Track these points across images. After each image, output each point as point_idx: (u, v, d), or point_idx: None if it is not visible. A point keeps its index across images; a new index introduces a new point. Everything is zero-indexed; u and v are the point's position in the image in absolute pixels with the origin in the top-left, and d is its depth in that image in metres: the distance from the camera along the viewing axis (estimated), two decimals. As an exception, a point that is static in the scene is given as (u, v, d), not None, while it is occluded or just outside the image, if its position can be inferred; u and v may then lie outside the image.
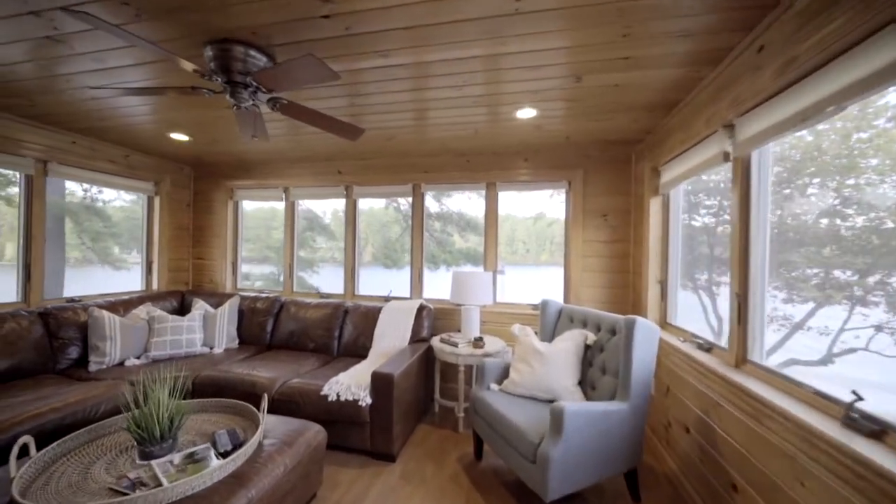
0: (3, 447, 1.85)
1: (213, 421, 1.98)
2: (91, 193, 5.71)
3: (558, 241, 3.64)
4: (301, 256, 6.35)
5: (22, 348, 2.48)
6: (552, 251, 3.94)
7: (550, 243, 4.03)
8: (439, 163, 3.55)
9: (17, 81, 2.12)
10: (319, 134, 2.94)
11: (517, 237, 4.62)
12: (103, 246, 5.18)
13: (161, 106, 2.46)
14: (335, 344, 3.33)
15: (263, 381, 2.60)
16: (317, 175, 3.85)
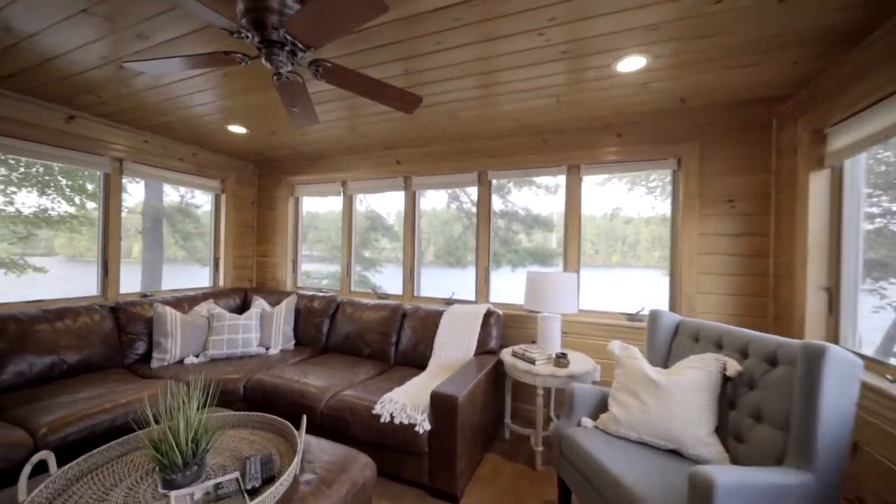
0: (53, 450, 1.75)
1: (251, 440, 1.71)
2: (185, 198, 6.20)
3: (631, 240, 3.41)
4: (366, 256, 6.26)
5: (93, 342, 2.49)
6: (623, 252, 3.47)
7: (623, 243, 3.50)
8: (510, 145, 3.05)
9: (79, 74, 2.07)
10: (376, 113, 2.61)
11: (586, 236, 4.06)
12: (193, 245, 5.53)
13: (214, 93, 2.30)
14: (392, 350, 3.00)
15: (313, 392, 2.33)
16: (374, 166, 3.58)
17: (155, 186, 6.04)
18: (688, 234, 2.55)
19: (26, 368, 2.18)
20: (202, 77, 2.11)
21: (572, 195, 2.92)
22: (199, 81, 2.16)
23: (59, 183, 5.48)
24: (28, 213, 5.29)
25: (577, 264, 2.90)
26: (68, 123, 2.63)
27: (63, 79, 2.16)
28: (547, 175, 3.01)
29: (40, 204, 5.32)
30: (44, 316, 2.35)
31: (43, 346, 2.26)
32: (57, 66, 2.02)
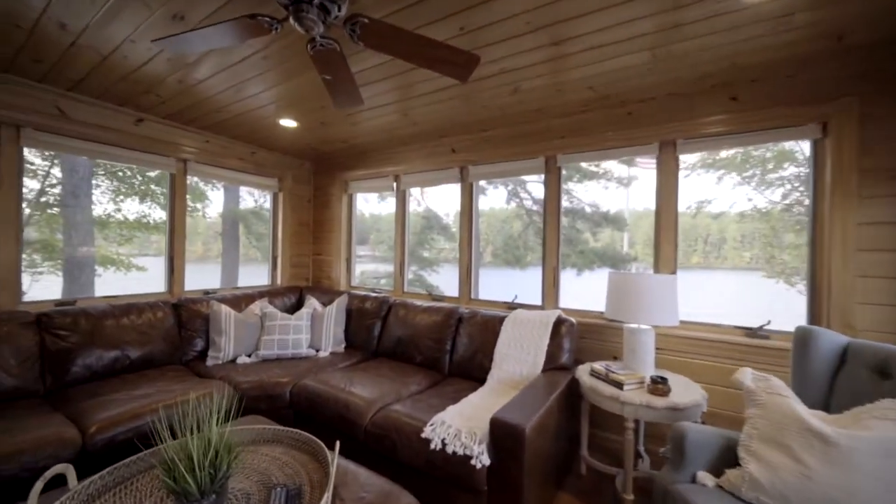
0: (101, 449, 1.71)
1: (283, 462, 1.49)
2: (259, 202, 6.57)
3: (715, 239, 2.95)
4: (423, 256, 6.08)
5: (154, 338, 2.52)
6: (706, 252, 2.99)
7: (704, 242, 2.99)
8: (584, 122, 2.57)
9: (135, 70, 2.06)
10: (427, 93, 2.32)
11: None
12: (264, 245, 5.80)
13: (258, 81, 2.18)
14: (446, 359, 2.68)
15: (358, 404, 2.09)
16: (428, 157, 3.31)
17: (233, 192, 6.46)
18: (839, 224, 1.88)
19: (94, 362, 2.23)
20: (245, 64, 1.98)
21: (666, 177, 2.36)
22: (243, 68, 2.04)
23: (154, 192, 6.07)
24: (132, 218, 5.92)
25: (674, 264, 2.34)
26: (137, 126, 2.72)
27: (124, 77, 2.17)
28: (632, 155, 2.47)
29: (140, 210, 5.93)
30: (111, 311, 2.41)
31: (109, 341, 2.32)
32: (114, 63, 2.02)
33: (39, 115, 2.29)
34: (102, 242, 5.57)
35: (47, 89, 2.30)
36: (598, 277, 3.93)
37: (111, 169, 5.52)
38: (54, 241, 5.27)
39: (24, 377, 2.00)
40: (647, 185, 2.81)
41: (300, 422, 2.36)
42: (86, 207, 5.34)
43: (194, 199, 6.59)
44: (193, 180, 6.25)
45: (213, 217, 6.97)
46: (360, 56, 1.91)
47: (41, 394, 2.05)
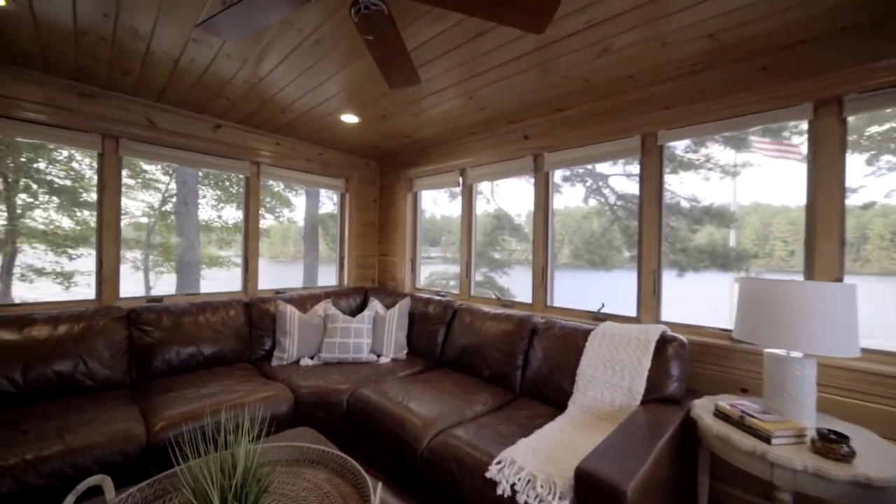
0: (163, 448, 1.71)
1: (324, 492, 1.29)
2: (338, 206, 6.92)
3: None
4: (494, 258, 5.75)
5: (226, 336, 2.58)
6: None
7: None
8: (696, 85, 2.02)
9: (203, 73, 2.09)
10: (496, 66, 2.00)
11: (773, 232, 2.82)
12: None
13: (313, 73, 2.07)
14: (518, 376, 2.32)
15: (415, 424, 1.84)
16: (497, 146, 2.97)
17: (313, 197, 6.84)
18: None
19: (172, 357, 2.34)
20: (299, 52, 1.87)
21: (826, 149, 1.71)
22: (298, 58, 1.93)
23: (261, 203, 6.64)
24: (231, 223, 6.57)
25: (838, 269, 1.68)
26: (215, 132, 2.85)
27: (196, 82, 2.24)
28: (771, 122, 1.86)
29: (237, 216, 6.56)
30: (190, 309, 2.52)
31: (187, 338, 2.41)
32: (184, 68, 2.07)
33: (133, 126, 2.48)
34: (207, 245, 6.25)
35: (138, 101, 2.48)
36: (706, 281, 3.22)
37: (214, 179, 6.19)
38: (171, 244, 6.03)
39: (115, 368, 2.14)
40: (762, 174, 2.19)
41: (358, 434, 2.20)
42: (193, 214, 6.03)
43: (281, 205, 7.15)
44: (280, 187, 6.74)
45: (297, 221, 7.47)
46: (415, 28, 1.67)
47: (128, 385, 2.18)
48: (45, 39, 1.82)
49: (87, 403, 1.85)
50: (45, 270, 4.90)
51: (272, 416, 2.05)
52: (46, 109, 2.18)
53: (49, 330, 1.99)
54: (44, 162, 4.77)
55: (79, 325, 2.07)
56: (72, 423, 1.65)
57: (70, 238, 4.87)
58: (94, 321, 2.13)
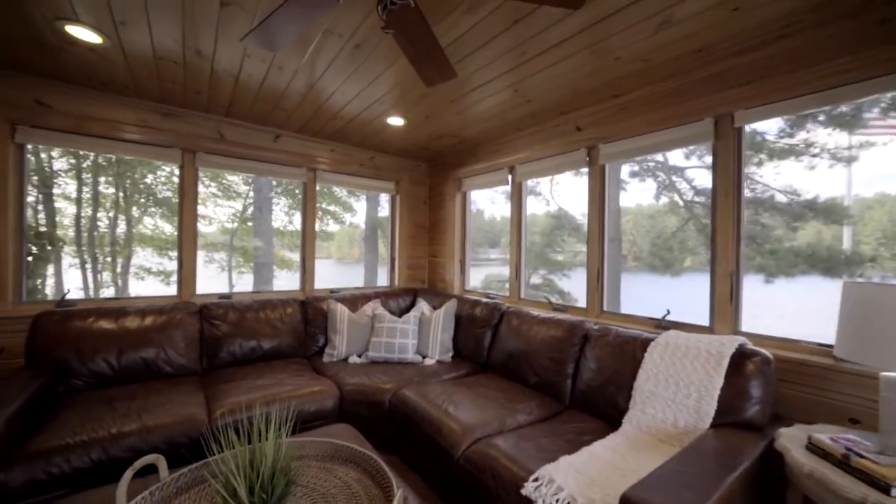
0: (220, 432, 1.85)
1: (352, 491, 1.29)
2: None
3: None
4: (555, 260, 5.48)
5: (283, 332, 2.76)
6: None
7: None
8: (783, 53, 1.70)
9: (259, 87, 2.26)
10: (543, 52, 1.88)
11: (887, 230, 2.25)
12: None
13: (355, 79, 2.12)
14: (567, 386, 2.15)
15: (453, 430, 1.78)
16: (547, 140, 2.81)
17: (373, 201, 7.16)
18: None
19: (236, 349, 2.55)
20: (341, 58, 1.92)
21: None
22: (342, 64, 1.99)
23: (326, 210, 7.15)
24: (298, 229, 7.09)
25: None
26: (276, 142, 3.07)
27: (255, 97, 2.43)
28: (893, 90, 1.49)
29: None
30: (252, 305, 2.73)
31: (249, 332, 2.61)
32: (244, 84, 2.25)
33: (207, 140, 2.76)
34: (280, 248, 6.81)
35: (210, 117, 2.76)
36: (804, 287, 2.72)
37: (285, 188, 6.74)
38: (249, 247, 6.68)
39: (189, 357, 2.38)
40: (889, 156, 1.77)
41: (399, 435, 2.20)
42: (267, 220, 6.63)
43: (345, 210, 7.58)
44: (343, 194, 7.13)
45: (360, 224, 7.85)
46: (449, 21, 1.62)
47: (199, 373, 2.41)
48: (133, 69, 2.09)
49: (164, 387, 2.09)
50: (152, 270, 5.69)
51: (319, 410, 2.13)
52: (139, 129, 2.52)
53: (138, 321, 2.28)
54: (151, 177, 5.58)
55: (161, 318, 2.34)
56: (149, 404, 1.86)
57: (169, 242, 5.59)
58: (173, 315, 2.39)
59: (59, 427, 1.63)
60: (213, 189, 6.15)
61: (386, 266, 4.25)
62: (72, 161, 4.79)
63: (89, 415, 1.73)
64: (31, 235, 3.96)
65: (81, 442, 1.58)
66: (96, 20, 1.65)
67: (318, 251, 3.38)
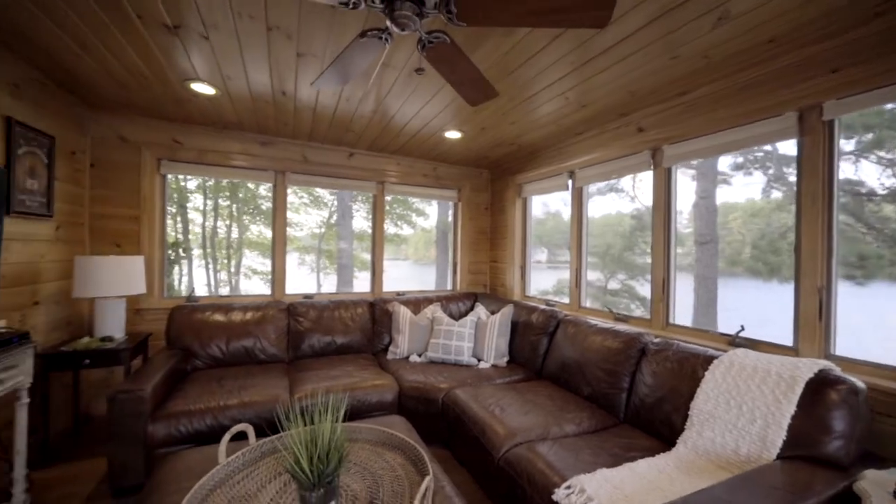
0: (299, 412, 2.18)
1: (396, 474, 1.46)
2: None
3: None
4: (636, 263, 5.14)
5: (354, 330, 3.09)
6: None
7: None
8: (881, 34, 1.46)
9: (332, 115, 2.59)
10: (598, 56, 1.87)
11: None
12: None
13: (414, 98, 2.31)
14: (621, 400, 2.08)
15: (496, 432, 1.86)
16: (608, 143, 2.71)
17: (444, 206, 7.44)
18: None
19: (315, 343, 2.93)
20: (398, 85, 2.13)
21: None
22: (399, 89, 2.20)
23: (396, 212, 7.73)
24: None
25: None
26: (350, 159, 3.44)
27: (329, 123, 2.78)
28: None
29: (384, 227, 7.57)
30: (329, 305, 3.11)
31: (326, 328, 2.99)
32: (320, 114, 2.60)
33: (294, 162, 3.22)
34: (360, 251, 7.46)
35: (296, 143, 3.21)
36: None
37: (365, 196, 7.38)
38: (333, 250, 7.43)
39: (278, 347, 2.82)
40: None
41: (451, 431, 2.34)
42: (349, 226, 7.32)
43: (418, 215, 8.02)
44: (416, 200, 7.56)
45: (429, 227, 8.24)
46: (493, 43, 1.71)
47: (286, 361, 2.84)
48: (237, 109, 2.57)
49: (259, 371, 2.51)
50: (257, 270, 6.68)
51: (379, 402, 2.37)
52: (243, 157, 3.05)
53: (241, 316, 2.77)
54: (255, 191, 6.56)
55: (258, 314, 2.81)
56: (247, 384, 2.27)
57: (269, 247, 6.51)
58: (266, 311, 2.85)
59: (185, 396, 2.10)
60: (304, 199, 6.98)
61: (454, 269, 4.44)
62: (198, 182, 5.88)
63: (205, 389, 2.19)
64: (170, 244, 4.97)
65: (199, 409, 2.00)
66: (211, 78, 2.09)
67: (394, 253, 3.69)
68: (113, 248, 2.72)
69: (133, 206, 2.76)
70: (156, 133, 2.80)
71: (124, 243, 2.75)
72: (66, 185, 2.41)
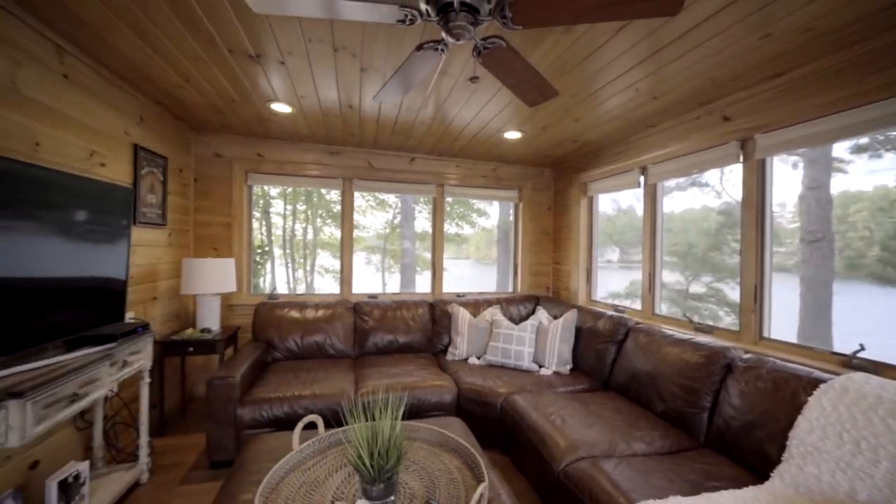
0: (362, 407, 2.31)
1: (452, 477, 1.47)
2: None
3: None
4: (725, 264, 4.62)
5: (415, 330, 3.19)
6: None
7: None
8: None
9: (393, 123, 2.69)
10: (676, 40, 1.72)
11: None
12: None
13: (473, 101, 2.31)
14: (701, 420, 1.88)
15: (556, 443, 1.80)
16: (687, 135, 2.46)
17: (505, 206, 7.40)
18: None
19: (378, 341, 3.08)
20: (456, 90, 2.15)
21: None
22: (458, 93, 2.22)
23: (456, 211, 7.84)
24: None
25: None
26: (411, 164, 3.56)
27: (391, 130, 2.89)
28: None
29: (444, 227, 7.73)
30: (391, 305, 3.24)
31: (389, 327, 3.12)
32: (383, 124, 2.72)
33: (360, 169, 3.42)
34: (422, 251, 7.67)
35: (361, 151, 3.40)
36: None
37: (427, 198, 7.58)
38: (398, 250, 7.74)
39: (346, 344, 3.01)
40: None
41: (510, 437, 2.30)
42: (411, 227, 7.57)
43: (478, 214, 8.04)
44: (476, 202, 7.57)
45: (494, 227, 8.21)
46: (552, 40, 1.65)
47: (352, 357, 3.02)
48: (310, 124, 2.79)
49: (329, 365, 2.71)
50: (329, 269, 7.20)
51: (438, 402, 2.42)
52: (315, 166, 3.31)
53: (314, 313, 3.01)
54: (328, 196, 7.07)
55: (328, 312, 3.03)
56: (318, 377, 2.46)
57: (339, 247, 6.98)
58: (336, 310, 3.06)
59: (266, 385, 2.34)
60: (371, 202, 7.37)
61: (514, 270, 4.36)
62: (279, 189, 6.49)
63: (282, 379, 2.42)
64: (256, 247, 5.55)
65: (277, 398, 2.22)
66: (288, 98, 2.31)
67: (455, 252, 3.74)
68: (211, 251, 3.12)
69: (226, 214, 3.14)
70: (243, 149, 3.15)
71: (220, 247, 3.14)
72: (176, 197, 2.82)
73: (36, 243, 1.47)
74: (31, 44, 1.58)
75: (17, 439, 1.19)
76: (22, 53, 1.54)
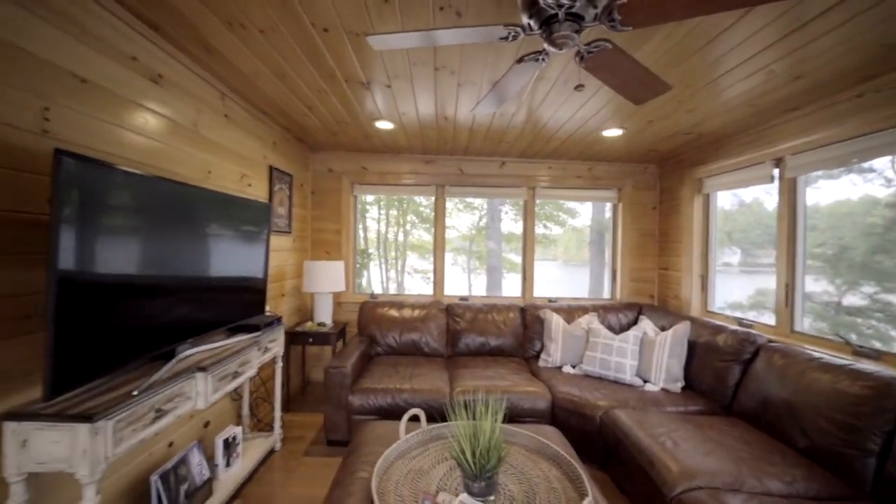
0: (453, 403, 2.40)
1: (551, 486, 1.45)
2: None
3: None
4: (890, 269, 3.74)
5: (506, 333, 3.19)
6: None
7: None
8: None
9: (486, 130, 2.74)
10: (825, 11, 1.47)
11: None
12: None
13: (569, 103, 2.23)
14: (867, 466, 1.55)
15: (667, 467, 1.64)
16: (837, 119, 2.04)
17: (599, 205, 6.99)
18: None
19: (470, 342, 3.16)
20: (553, 92, 2.11)
21: None
22: (555, 95, 2.17)
23: (544, 212, 7.67)
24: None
25: None
26: (501, 168, 3.57)
27: (485, 137, 2.95)
28: None
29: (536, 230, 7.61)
30: (482, 308, 3.30)
31: (480, 330, 3.18)
32: (476, 131, 2.79)
33: (451, 176, 3.55)
34: (508, 252, 7.64)
35: (453, 158, 3.53)
36: None
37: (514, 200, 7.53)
38: (483, 252, 7.81)
39: (439, 343, 3.16)
40: None
41: (610, 454, 2.17)
42: (497, 228, 7.58)
43: (569, 215, 7.72)
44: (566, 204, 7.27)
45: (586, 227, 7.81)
46: (666, 31, 1.52)
47: (445, 356, 3.15)
48: (408, 136, 2.99)
49: (424, 362, 2.88)
50: (418, 269, 7.61)
51: (531, 409, 2.39)
52: (411, 175, 3.54)
53: (410, 312, 3.22)
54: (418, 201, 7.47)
55: (423, 312, 3.22)
56: (416, 373, 2.63)
57: (427, 249, 7.31)
58: (430, 310, 3.23)
59: (372, 376, 2.58)
60: (458, 205, 7.59)
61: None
62: (374, 196, 7.06)
63: (385, 372, 2.64)
64: (360, 250, 6.13)
65: (382, 389, 2.44)
66: (390, 116, 2.52)
67: (542, 253, 3.67)
68: (324, 255, 3.55)
69: (336, 221, 3.55)
70: (351, 163, 3.52)
71: (331, 250, 3.56)
72: (298, 208, 3.28)
73: (214, 250, 1.85)
74: (205, 94, 2.00)
75: (203, 403, 1.53)
76: (202, 103, 1.97)
